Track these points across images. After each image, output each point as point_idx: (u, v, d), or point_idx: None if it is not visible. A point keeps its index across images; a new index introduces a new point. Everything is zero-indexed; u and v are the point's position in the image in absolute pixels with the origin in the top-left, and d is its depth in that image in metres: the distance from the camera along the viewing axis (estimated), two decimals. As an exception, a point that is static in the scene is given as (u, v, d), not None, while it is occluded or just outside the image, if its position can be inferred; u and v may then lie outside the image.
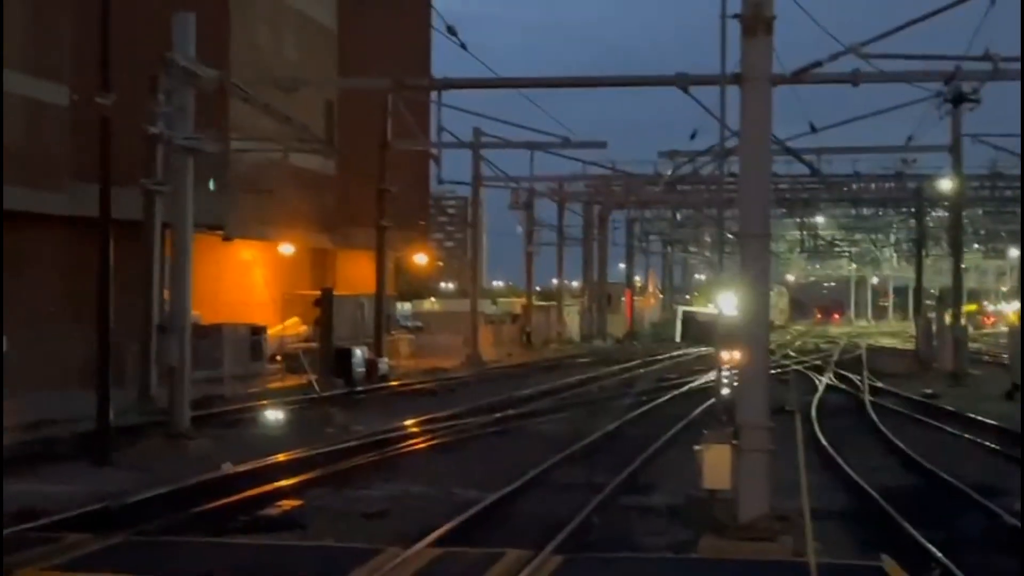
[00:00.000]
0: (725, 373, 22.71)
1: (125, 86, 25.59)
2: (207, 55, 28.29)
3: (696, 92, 26.84)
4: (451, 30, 23.88)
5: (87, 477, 21.52)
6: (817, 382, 43.76)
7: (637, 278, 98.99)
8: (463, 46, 25.26)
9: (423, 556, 14.05)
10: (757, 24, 14.32)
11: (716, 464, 14.64)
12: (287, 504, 18.98)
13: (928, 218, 67.66)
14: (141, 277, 33.98)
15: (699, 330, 74.05)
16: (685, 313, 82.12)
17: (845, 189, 59.60)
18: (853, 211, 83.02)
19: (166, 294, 34.93)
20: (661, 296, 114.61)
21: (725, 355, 25.54)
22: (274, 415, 31.11)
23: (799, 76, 19.45)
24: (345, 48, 56.91)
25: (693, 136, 28.98)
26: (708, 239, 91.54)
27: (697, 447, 16.14)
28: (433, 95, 36.10)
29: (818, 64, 19.54)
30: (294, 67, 49.17)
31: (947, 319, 49.68)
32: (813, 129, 26.62)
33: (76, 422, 26.61)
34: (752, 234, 14.59)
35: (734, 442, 14.71)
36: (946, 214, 65.57)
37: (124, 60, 25.88)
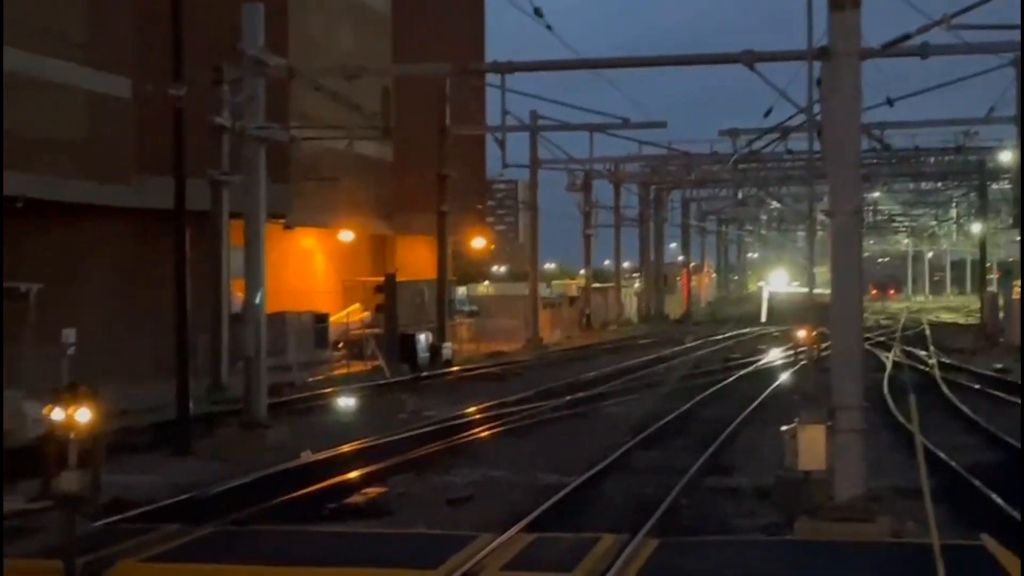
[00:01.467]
0: (800, 352, 22.49)
1: (189, 77, 25.60)
2: (268, 45, 28.26)
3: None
4: (537, 12, 23.66)
5: (169, 467, 21.64)
6: (883, 359, 43.34)
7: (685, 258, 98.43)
8: (549, 27, 25.05)
9: (517, 542, 13.97)
10: (845, -4, 14.07)
11: (811, 445, 14.46)
12: (371, 491, 18.96)
13: (989, 191, 66.77)
14: (207, 267, 34.09)
15: (786, 310, 72.65)
16: (771, 292, 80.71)
17: (912, 162, 58.92)
18: (912, 185, 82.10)
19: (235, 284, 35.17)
20: (715, 276, 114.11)
21: (801, 334, 25.36)
22: (345, 402, 31.16)
23: (889, 49, 19.00)
24: (399, 34, 56.84)
25: (767, 114, 28.74)
26: (764, 217, 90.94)
27: (784, 428, 15.96)
28: (495, 78, 35.89)
29: (907, 37, 19.14)
30: (349, 55, 49.12)
31: (1015, 292, 49.06)
32: (890, 103, 26.25)
33: (150, 412, 26.76)
34: (843, 212, 14.36)
35: (828, 423, 14.50)
36: (1008, 186, 64.79)
37: (187, 51, 25.89)
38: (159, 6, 29.66)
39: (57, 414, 11.35)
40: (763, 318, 75.90)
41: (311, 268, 55.38)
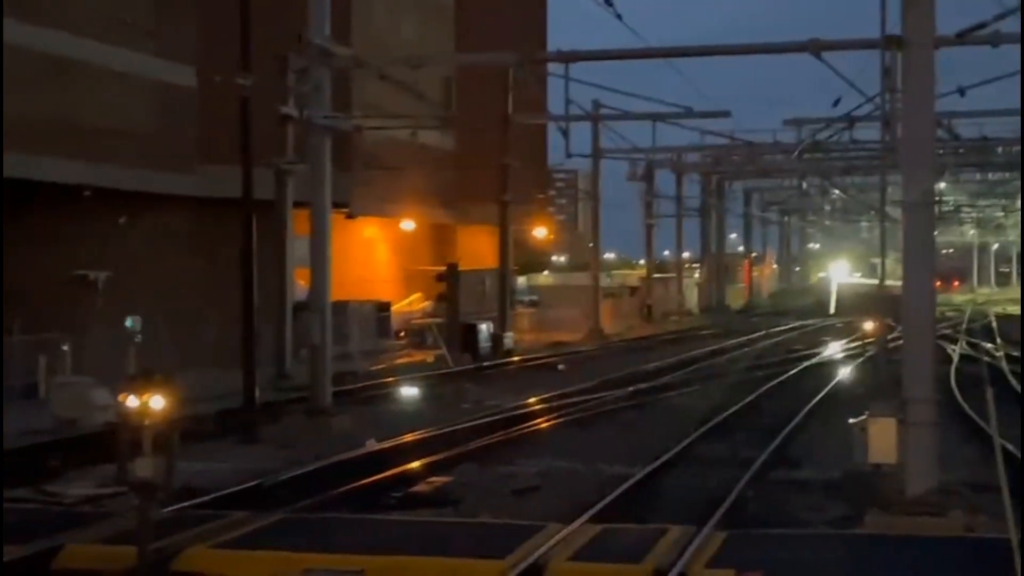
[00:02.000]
0: (869, 343, 22.28)
1: (253, 66, 25.69)
2: (331, 35, 28.35)
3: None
4: (607, 0, 23.57)
5: (236, 454, 21.80)
6: (950, 351, 42.84)
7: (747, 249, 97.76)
8: (619, 16, 24.93)
9: (584, 532, 13.95)
10: (920, -16, 13.88)
11: (882, 438, 14.32)
12: (436, 480, 19.02)
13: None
14: (271, 256, 34.28)
15: (855, 301, 70.95)
16: (840, 283, 78.87)
17: (980, 152, 58.03)
18: (979, 175, 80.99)
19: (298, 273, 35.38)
20: (776, 267, 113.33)
21: (868, 326, 25.15)
22: (408, 391, 31.24)
23: (964, 38, 18.66)
24: (462, 23, 56.83)
25: (836, 103, 28.46)
26: (827, 208, 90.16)
27: (852, 420, 15.82)
28: (558, 67, 35.76)
29: (982, 26, 18.80)
30: (412, 44, 49.20)
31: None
32: (961, 93, 25.86)
33: (216, 400, 26.93)
34: (917, 203, 14.18)
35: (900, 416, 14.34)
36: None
37: (251, 41, 25.97)
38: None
39: (131, 401, 11.44)
40: (831, 309, 74.26)
41: (373, 257, 55.58)
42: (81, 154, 33.78)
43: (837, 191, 70.26)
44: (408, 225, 54.41)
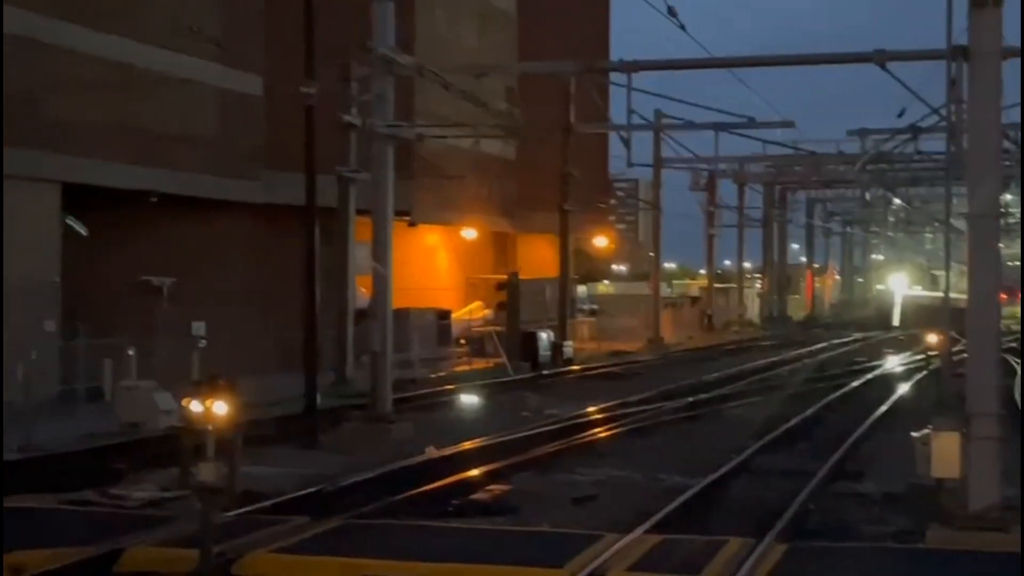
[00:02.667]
0: (932, 356, 21.98)
1: (317, 75, 25.89)
2: (395, 43, 28.50)
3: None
4: (671, 10, 23.57)
5: (296, 460, 21.90)
6: (1015, 365, 42.29)
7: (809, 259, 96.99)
8: (682, 27, 24.94)
9: (643, 543, 13.92)
10: (988, -8, 13.76)
11: (945, 452, 14.17)
12: (496, 488, 19.03)
13: None
14: (333, 263, 34.51)
15: (920, 314, 69.38)
16: (904, 296, 77.04)
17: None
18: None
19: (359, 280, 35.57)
20: (839, 278, 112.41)
21: (932, 339, 24.90)
22: (467, 398, 31.33)
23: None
24: (524, 32, 56.96)
25: (901, 114, 28.29)
26: (891, 219, 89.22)
27: (915, 434, 15.69)
28: (621, 77, 35.85)
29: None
30: (473, 53, 49.40)
31: None
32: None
33: (277, 405, 27.14)
34: (982, 215, 14.05)
35: (963, 430, 14.20)
36: None
37: (315, 49, 26.19)
38: (289, 4, 30.18)
39: (195, 406, 11.57)
40: (895, 321, 72.97)
41: (434, 265, 55.81)
42: (147, 160, 34.19)
43: (898, 200, 69.36)
44: (469, 233, 54.58)
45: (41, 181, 30.78)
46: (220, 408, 11.56)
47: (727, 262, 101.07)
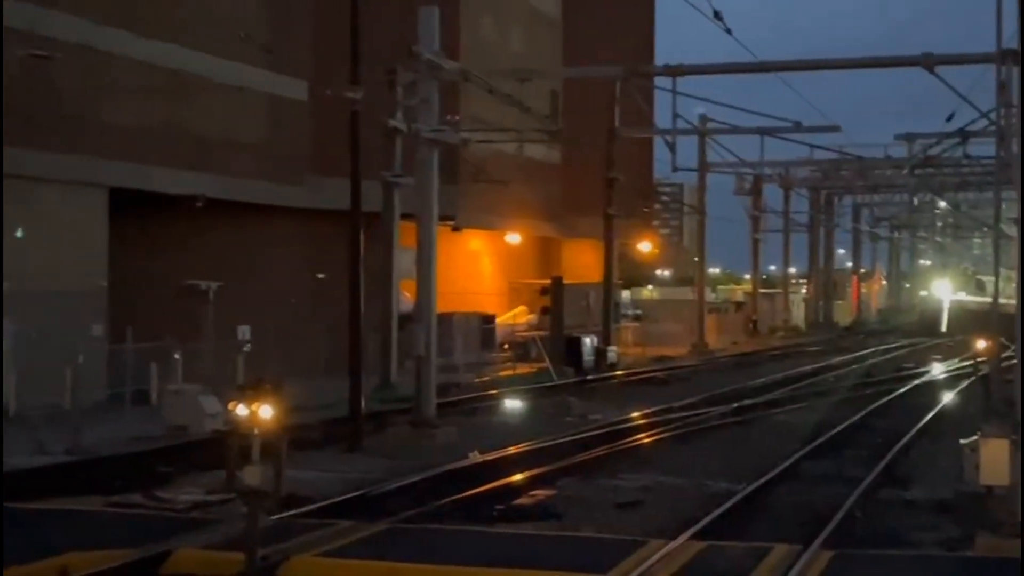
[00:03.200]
0: (981, 362, 21.77)
1: (362, 80, 25.91)
2: (440, 48, 28.52)
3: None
4: (717, 14, 23.46)
5: (340, 464, 21.97)
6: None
7: (855, 265, 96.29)
8: (728, 31, 24.79)
9: (687, 549, 13.86)
10: (1037, -2, 13.60)
11: (994, 459, 14.04)
12: (540, 494, 19.01)
13: None
14: (377, 267, 34.55)
15: (968, 320, 67.94)
16: (952, 301, 75.35)
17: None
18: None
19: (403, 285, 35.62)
20: (885, 283, 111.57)
21: (980, 345, 24.67)
22: (511, 403, 31.30)
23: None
24: (569, 37, 56.94)
25: (950, 118, 28.04)
26: (939, 224, 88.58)
27: (963, 441, 15.55)
28: (665, 81, 35.77)
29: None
30: (519, 58, 49.44)
31: None
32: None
33: (322, 409, 27.22)
34: (1032, 219, 13.91)
35: (1013, 437, 14.05)
36: None
37: (360, 55, 26.21)
38: (335, 9, 30.27)
39: (241, 410, 11.61)
40: (943, 327, 71.62)
41: (478, 269, 55.84)
42: (195, 165, 34.43)
43: (944, 204, 68.79)
44: (513, 238, 54.59)
45: (89, 186, 31.03)
46: (266, 412, 11.60)
47: (772, 267, 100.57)
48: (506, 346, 47.75)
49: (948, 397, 32.92)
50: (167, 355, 29.11)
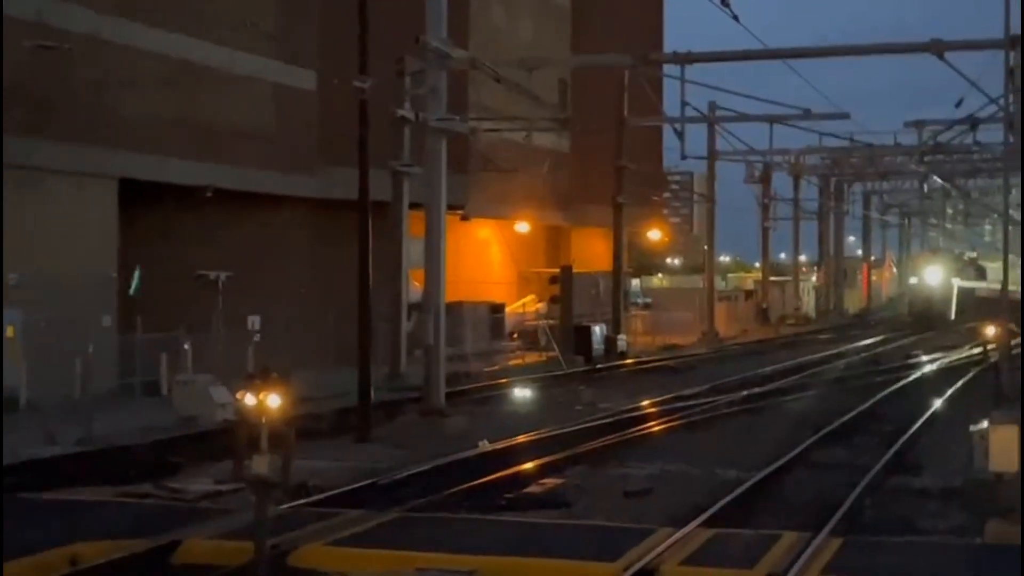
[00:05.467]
0: (991, 349, 21.76)
1: (371, 69, 25.93)
2: (448, 37, 28.48)
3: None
4: (724, 2, 23.40)
5: (350, 453, 22.01)
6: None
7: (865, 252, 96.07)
8: (735, 18, 24.73)
9: (697, 536, 13.85)
10: (1045, -17, 13.56)
11: (1003, 445, 14.00)
12: (549, 482, 19.03)
13: None
14: (386, 257, 34.56)
15: (979, 306, 65.30)
16: (961, 288, 73.06)
17: None
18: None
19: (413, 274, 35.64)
20: (896, 271, 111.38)
21: (990, 331, 24.64)
22: (521, 392, 31.31)
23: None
24: (578, 25, 56.87)
25: (959, 104, 27.96)
26: (950, 211, 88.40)
27: (972, 428, 15.52)
28: (674, 69, 35.72)
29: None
30: (528, 46, 49.38)
31: None
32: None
33: (332, 398, 27.26)
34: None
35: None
36: None
37: (369, 44, 26.20)
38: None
39: (249, 399, 11.62)
40: (951, 315, 70.70)
41: (487, 258, 55.84)
42: (204, 155, 34.43)
43: (955, 192, 68.12)
44: (522, 227, 54.57)
45: (98, 176, 31.07)
46: (273, 401, 11.60)
47: (782, 255, 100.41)
48: (515, 335, 47.80)
49: (958, 384, 32.83)
50: (177, 345, 29.17)
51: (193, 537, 13.58)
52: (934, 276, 71.88)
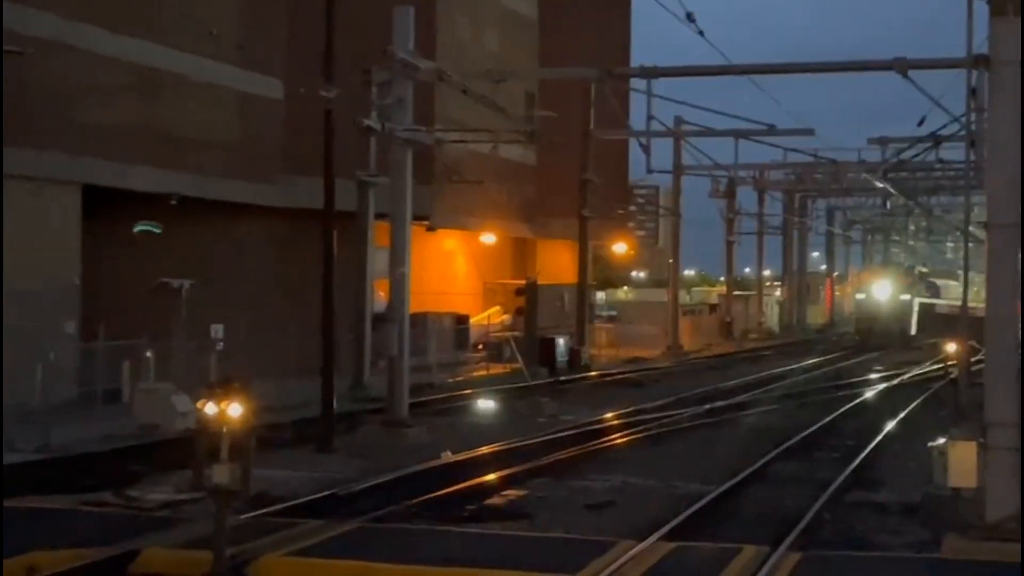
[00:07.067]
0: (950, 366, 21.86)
1: (338, 80, 25.89)
2: (415, 48, 28.48)
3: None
4: (689, 16, 23.50)
5: (312, 463, 21.95)
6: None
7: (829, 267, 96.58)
8: (701, 33, 24.81)
9: (657, 550, 13.91)
10: (1007, 2, 13.71)
11: (962, 461, 14.11)
12: (511, 494, 19.06)
13: None
14: (351, 267, 34.50)
15: (939, 323, 64.61)
16: (922, 304, 71.81)
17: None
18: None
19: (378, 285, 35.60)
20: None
21: (951, 348, 24.80)
22: (484, 404, 31.30)
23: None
24: (545, 38, 56.94)
25: (921, 123, 28.19)
26: (912, 228, 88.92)
27: (931, 444, 15.63)
28: (641, 83, 35.77)
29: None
30: (495, 58, 49.41)
31: None
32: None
33: (294, 409, 27.17)
34: (1001, 224, 13.99)
35: (981, 439, 14.14)
36: None
37: (336, 54, 26.18)
38: (311, 9, 30.21)
39: (210, 408, 11.59)
40: (912, 331, 70.51)
41: (452, 270, 55.78)
42: (168, 163, 34.27)
43: (917, 208, 68.21)
44: (488, 238, 54.55)
45: (62, 183, 30.88)
46: (234, 410, 11.57)
47: (747, 269, 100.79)
48: (480, 346, 47.76)
49: (918, 400, 33.07)
50: (139, 353, 29.00)
51: (152, 546, 13.52)
52: (882, 291, 70.75)
